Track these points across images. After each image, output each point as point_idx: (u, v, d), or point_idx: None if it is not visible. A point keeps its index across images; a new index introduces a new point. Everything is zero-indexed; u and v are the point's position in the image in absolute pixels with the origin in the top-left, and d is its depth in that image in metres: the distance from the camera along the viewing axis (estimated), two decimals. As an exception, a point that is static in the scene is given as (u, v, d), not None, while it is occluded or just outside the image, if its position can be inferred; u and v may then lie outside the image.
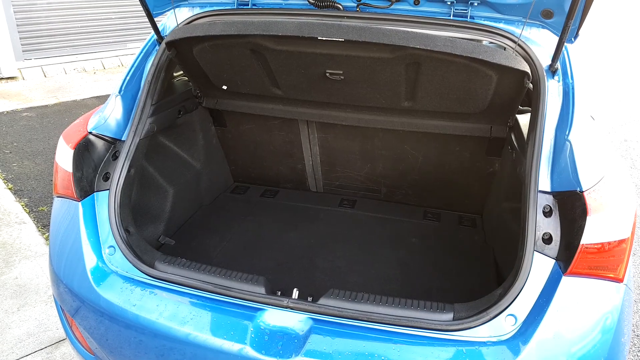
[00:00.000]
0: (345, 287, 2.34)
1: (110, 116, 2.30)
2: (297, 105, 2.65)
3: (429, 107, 2.33)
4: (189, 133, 2.86)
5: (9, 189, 4.57)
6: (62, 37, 8.41)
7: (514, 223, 2.34)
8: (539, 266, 1.71)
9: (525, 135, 2.05)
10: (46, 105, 7.01)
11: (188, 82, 2.77)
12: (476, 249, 2.64)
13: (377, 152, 2.85)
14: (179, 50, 2.36)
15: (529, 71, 1.92)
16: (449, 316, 1.73)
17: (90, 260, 2.05)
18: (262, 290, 1.86)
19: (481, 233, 2.80)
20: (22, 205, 4.29)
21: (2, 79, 7.68)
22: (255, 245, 2.66)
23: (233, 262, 2.52)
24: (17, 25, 7.82)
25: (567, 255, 1.67)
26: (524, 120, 2.25)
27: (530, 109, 2.41)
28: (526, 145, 1.93)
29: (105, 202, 2.12)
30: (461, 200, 2.94)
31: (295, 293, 1.90)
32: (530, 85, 2.00)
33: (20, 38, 7.89)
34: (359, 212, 3.00)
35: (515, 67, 1.88)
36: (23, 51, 8.00)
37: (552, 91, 1.97)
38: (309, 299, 1.88)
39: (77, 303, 2.05)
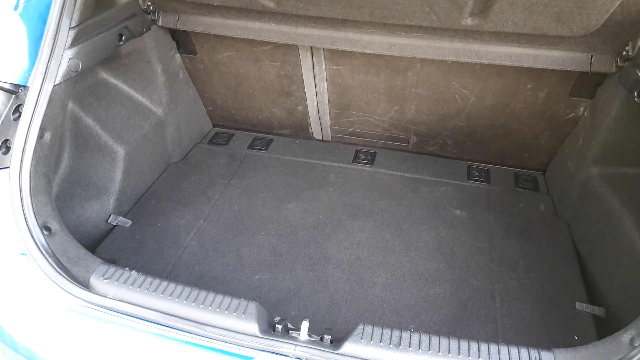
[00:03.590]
0: (372, 292, 1.67)
1: (4, 49, 1.46)
2: (298, 23, 1.79)
3: (505, 27, 1.49)
4: (142, 65, 2.02)
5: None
6: None
7: (615, 201, 1.63)
8: None
9: None
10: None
11: None
12: (546, 227, 1.94)
13: (410, 91, 2.03)
14: None
15: None
16: None
17: (-13, 277, 1.36)
18: (255, 327, 1.20)
19: (548, 200, 2.07)
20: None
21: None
22: (243, 225, 1.94)
23: (212, 253, 1.81)
24: None
25: None
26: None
27: None
28: None
29: (7, 188, 1.38)
30: (519, 153, 2.19)
31: (305, 327, 1.22)
32: None
33: None
34: (381, 170, 2.24)
35: None
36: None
37: None
38: (326, 337, 1.20)
39: None
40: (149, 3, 1.89)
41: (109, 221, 1.89)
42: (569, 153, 2.00)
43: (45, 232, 1.40)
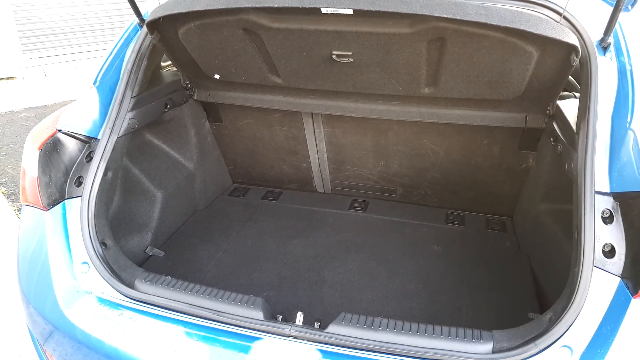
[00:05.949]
0: (359, 306, 2.03)
1: (83, 111, 2.00)
2: (300, 95, 2.32)
3: (453, 93, 1.99)
4: (180, 129, 2.55)
5: (2, 192, 4.32)
6: (63, 35, 8.17)
7: (555, 228, 2.00)
8: (600, 285, 1.40)
9: (574, 125, 1.70)
10: (45, 106, 6.77)
11: (177, 72, 2.45)
12: (509, 258, 2.30)
13: (392, 148, 2.51)
14: (163, 34, 2.06)
15: (578, 45, 1.58)
16: (487, 347, 1.43)
17: (59, 279, 1.79)
18: (260, 314, 1.57)
19: (513, 238, 2.45)
20: (14, 210, 4.04)
21: (1, 79, 7.46)
22: (255, 256, 2.34)
23: (229, 276, 2.20)
24: (17, 24, 7.59)
25: (637, 272, 1.34)
26: (567, 107, 1.90)
27: (572, 94, 2.07)
28: (576, 137, 1.59)
29: (78, 211, 1.83)
30: (488, 201, 2.60)
31: (300, 317, 1.60)
32: (577, 63, 1.65)
33: (20, 37, 7.66)
34: (372, 215, 2.67)
35: (563, 40, 1.54)
36: (23, 50, 7.77)
37: (605, 70, 1.62)
38: (316, 324, 1.58)
39: (48, 329, 1.77)
40: (187, 82, 2.45)
41: (146, 251, 2.30)
42: (525, 197, 2.41)
43: (103, 246, 1.82)
